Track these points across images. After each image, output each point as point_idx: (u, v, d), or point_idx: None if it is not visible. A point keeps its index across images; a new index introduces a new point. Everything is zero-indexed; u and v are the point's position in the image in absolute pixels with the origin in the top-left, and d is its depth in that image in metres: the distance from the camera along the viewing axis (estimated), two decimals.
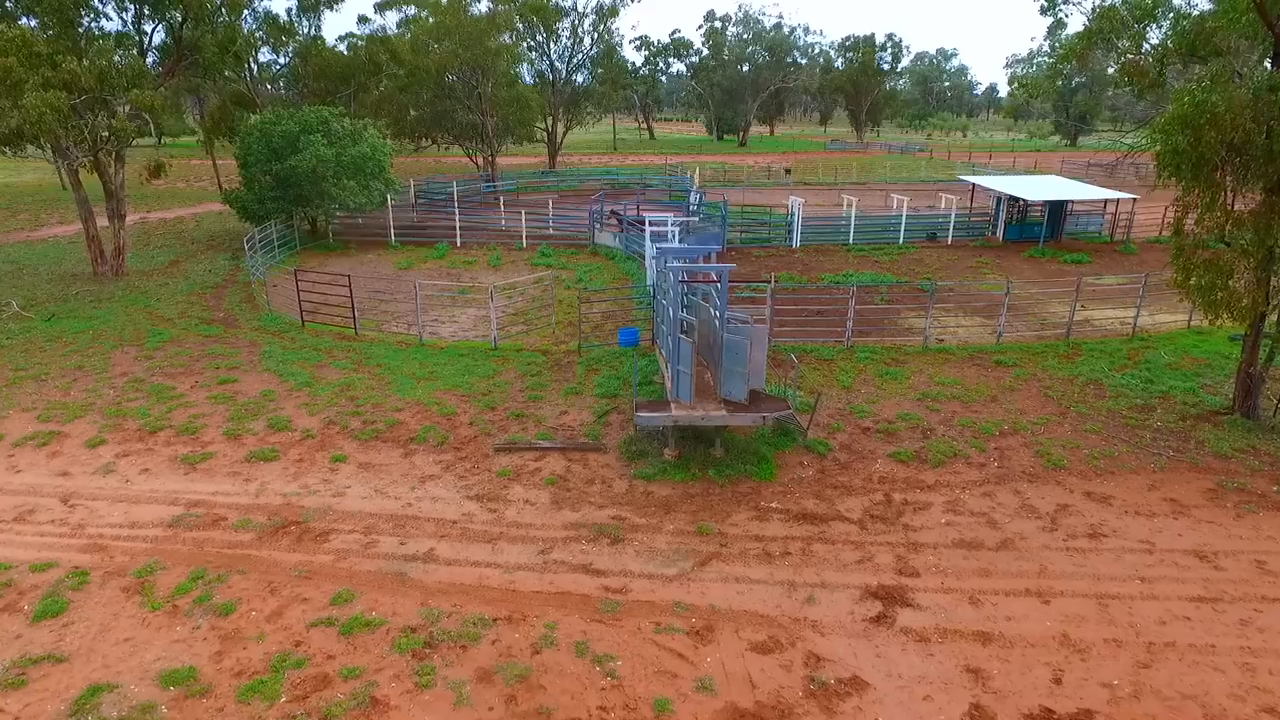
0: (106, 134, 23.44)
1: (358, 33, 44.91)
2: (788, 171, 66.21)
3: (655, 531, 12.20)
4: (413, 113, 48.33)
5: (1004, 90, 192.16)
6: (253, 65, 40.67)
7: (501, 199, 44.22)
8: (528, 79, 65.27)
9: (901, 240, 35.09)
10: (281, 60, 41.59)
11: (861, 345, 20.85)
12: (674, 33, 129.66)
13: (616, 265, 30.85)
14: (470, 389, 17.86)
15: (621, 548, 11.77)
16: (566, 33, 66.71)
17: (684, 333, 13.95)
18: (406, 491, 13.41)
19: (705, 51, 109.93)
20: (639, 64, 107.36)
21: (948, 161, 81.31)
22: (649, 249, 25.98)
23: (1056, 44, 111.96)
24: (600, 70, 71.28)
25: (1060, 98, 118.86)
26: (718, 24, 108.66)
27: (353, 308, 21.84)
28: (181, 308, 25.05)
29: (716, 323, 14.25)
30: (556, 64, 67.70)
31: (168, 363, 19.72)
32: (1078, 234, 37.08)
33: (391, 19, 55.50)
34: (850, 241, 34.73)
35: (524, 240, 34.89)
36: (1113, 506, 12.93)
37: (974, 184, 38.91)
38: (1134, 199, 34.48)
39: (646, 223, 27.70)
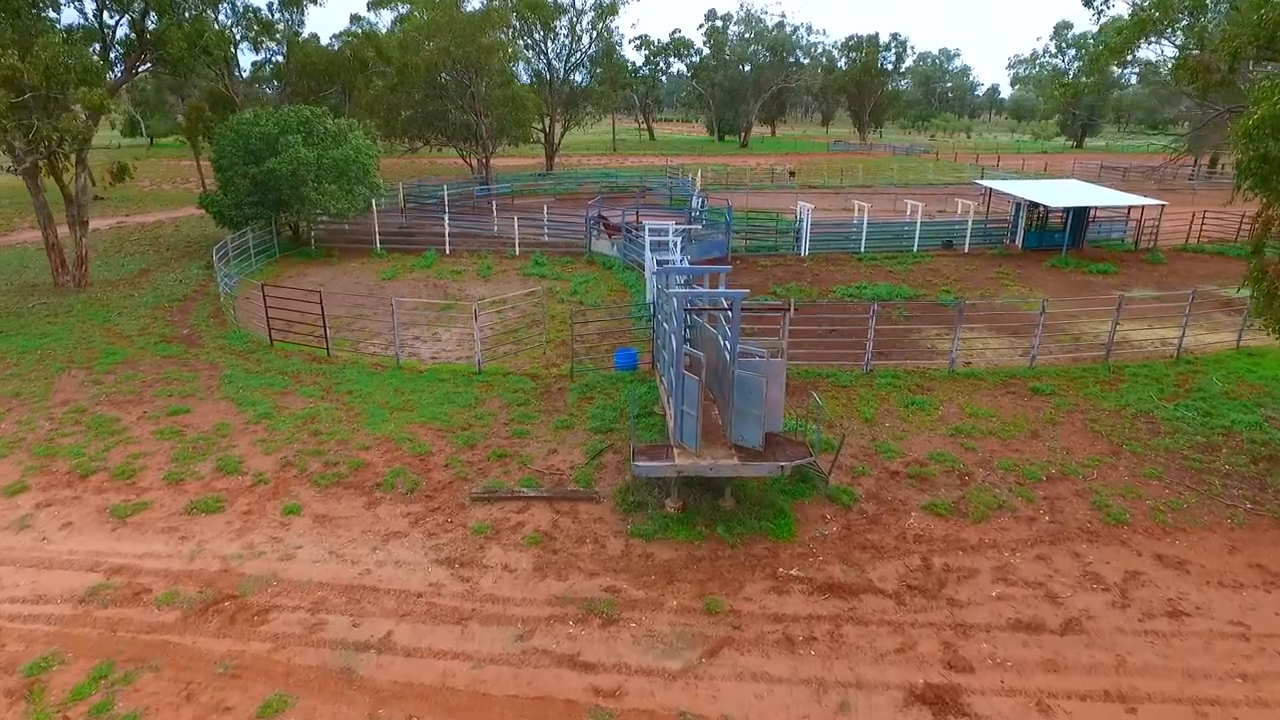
0: (56, 135, 21.56)
1: (353, 31, 42.87)
2: (792, 174, 64.36)
3: (656, 608, 10.32)
4: (404, 113, 46.40)
5: (1006, 91, 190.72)
6: (231, 62, 38.68)
7: (494, 203, 42.36)
8: (525, 78, 63.47)
9: (916, 248, 33.22)
10: (263, 57, 39.61)
11: (882, 369, 18.97)
12: (674, 32, 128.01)
13: (614, 276, 28.98)
14: (448, 422, 15.97)
15: (616, 631, 9.90)
16: (565, 31, 64.95)
17: (689, 368, 12.07)
18: (366, 554, 11.52)
19: (706, 51, 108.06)
20: (639, 64, 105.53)
21: (955, 164, 79.47)
22: (649, 261, 24.12)
23: (1063, 44, 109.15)
24: (599, 70, 69.44)
25: (1070, 98, 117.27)
26: (719, 23, 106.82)
27: (324, 327, 19.95)
28: (143, 323, 23.17)
29: (726, 355, 12.38)
30: (554, 63, 65.87)
31: (116, 389, 17.83)
32: (1100, 242, 35.23)
33: (387, 18, 53.81)
34: (862, 249, 32.86)
35: (517, 248, 33.03)
36: (1190, 575, 11.06)
37: (990, 188, 37.02)
38: (1162, 205, 32.59)
39: (646, 231, 25.80)
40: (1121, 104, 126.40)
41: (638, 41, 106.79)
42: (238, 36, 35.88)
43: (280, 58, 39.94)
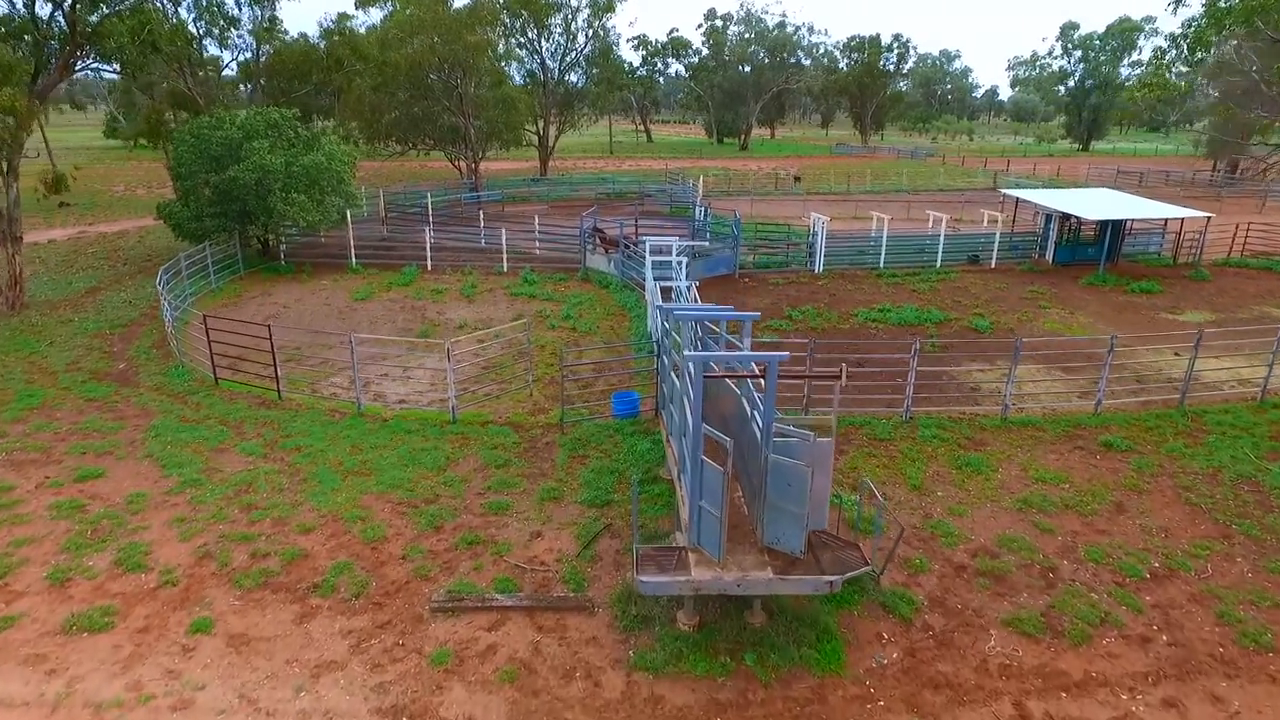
0: None
1: (326, 27, 40.01)
2: (797, 179, 61.74)
3: None
4: (387, 115, 43.56)
5: (1005, 93, 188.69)
6: (194, 60, 35.79)
7: (482, 212, 39.59)
8: (518, 79, 60.77)
9: (939, 264, 30.57)
10: (230, 55, 36.72)
11: (923, 416, 16.29)
12: (672, 31, 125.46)
13: (611, 296, 26.26)
14: (411, 491, 13.24)
15: None
16: (559, 29, 62.23)
17: (710, 451, 9.36)
18: (288, 698, 8.79)
19: (705, 51, 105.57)
20: (636, 64, 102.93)
21: (963, 168, 76.94)
22: (650, 284, 21.43)
23: (1070, 45, 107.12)
24: (596, 70, 66.76)
25: (1073, 99, 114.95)
26: (718, 23, 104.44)
27: (275, 366, 17.19)
28: (76, 354, 20.40)
29: (756, 429, 9.69)
30: (549, 62, 63.16)
31: (22, 444, 15.06)
32: (1135, 256, 32.67)
33: (376, 16, 51.02)
34: (881, 265, 30.19)
35: (505, 263, 30.28)
36: None
37: (1017, 198, 34.39)
38: (1208, 217, 29.98)
39: (646, 250, 23.12)
40: (1132, 103, 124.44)
41: (635, 41, 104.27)
42: (199, 32, 33.02)
43: (249, 55, 37.02)
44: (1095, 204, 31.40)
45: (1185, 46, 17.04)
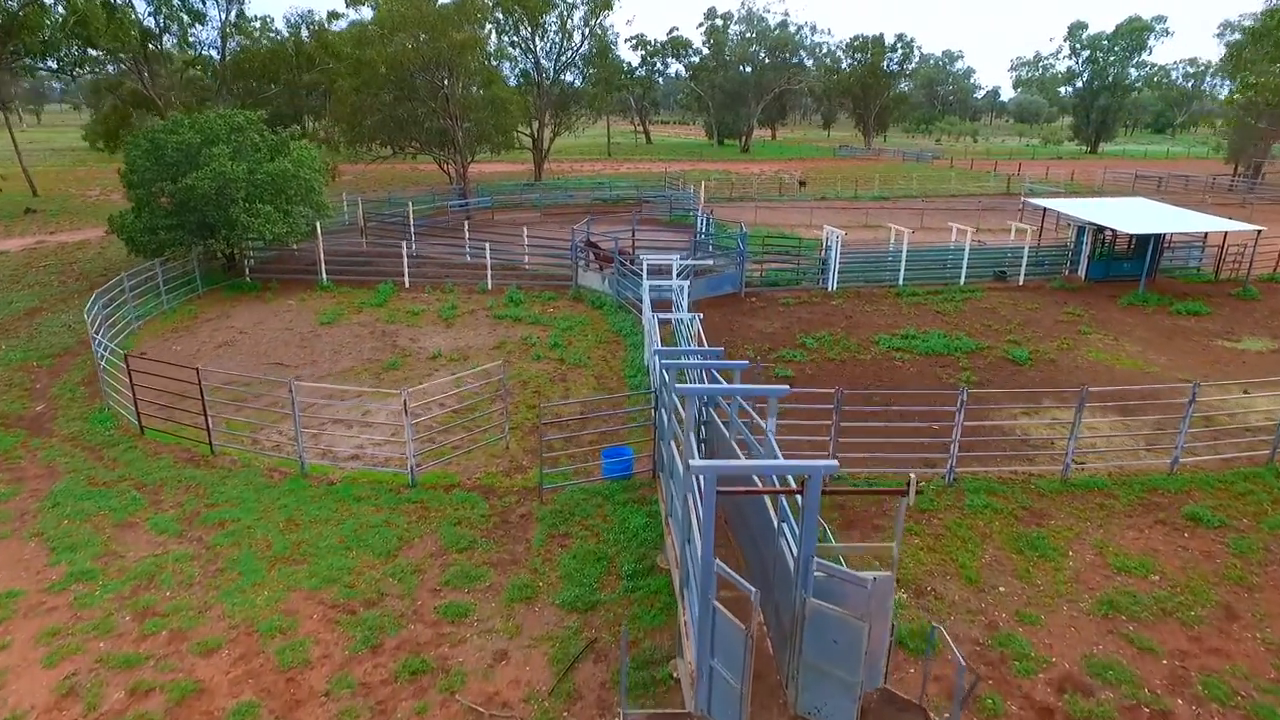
0: None
1: (294, 23, 37.44)
2: (802, 184, 59.22)
3: None
4: (370, 118, 40.95)
5: (1007, 94, 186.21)
6: (152, 58, 33.20)
7: (468, 221, 37.05)
8: (512, 79, 58.21)
9: (964, 281, 28.05)
10: (194, 53, 34.05)
11: (968, 477, 13.79)
12: (671, 31, 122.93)
13: (604, 319, 23.70)
14: (351, 588, 10.70)
15: None
16: (554, 27, 59.65)
17: (731, 597, 6.84)
18: None
19: (705, 51, 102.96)
20: (635, 64, 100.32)
21: (972, 171, 74.42)
22: (648, 314, 18.92)
23: (1078, 44, 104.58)
24: (593, 70, 64.19)
25: (1081, 100, 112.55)
26: (719, 22, 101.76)
27: (205, 417, 14.64)
28: None
29: (787, 553, 7.18)
30: (543, 62, 60.58)
31: None
32: (1172, 271, 30.22)
33: (367, 13, 48.42)
34: (900, 283, 27.66)
35: (489, 280, 27.73)
36: None
37: (1044, 208, 31.88)
38: (1258, 231, 27.46)
39: (644, 269, 20.63)
40: (1137, 105, 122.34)
41: (633, 40, 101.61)
42: (158, 28, 30.44)
43: (215, 53, 34.44)
44: (1131, 215, 28.88)
45: (1272, 42, 14.77)
